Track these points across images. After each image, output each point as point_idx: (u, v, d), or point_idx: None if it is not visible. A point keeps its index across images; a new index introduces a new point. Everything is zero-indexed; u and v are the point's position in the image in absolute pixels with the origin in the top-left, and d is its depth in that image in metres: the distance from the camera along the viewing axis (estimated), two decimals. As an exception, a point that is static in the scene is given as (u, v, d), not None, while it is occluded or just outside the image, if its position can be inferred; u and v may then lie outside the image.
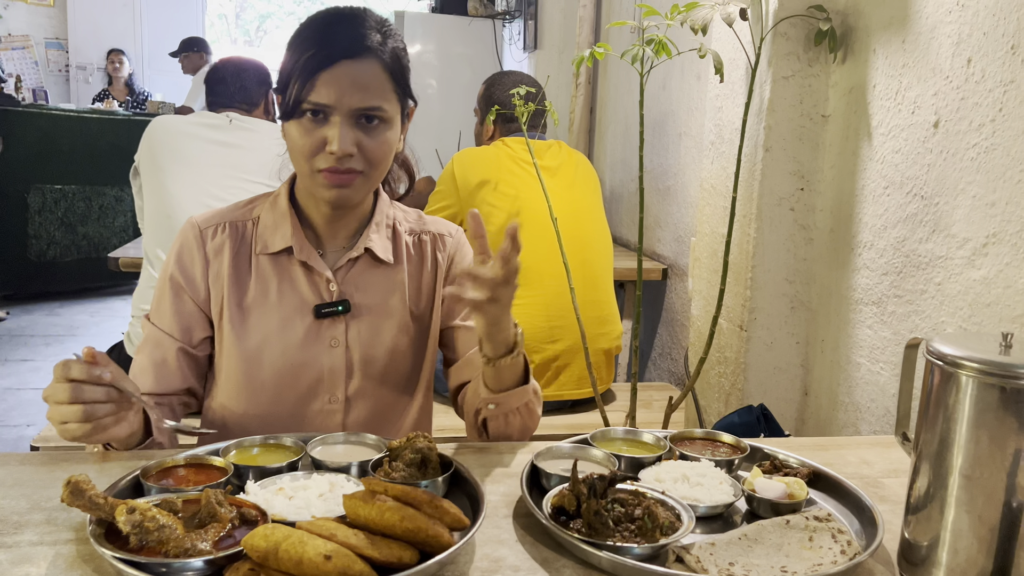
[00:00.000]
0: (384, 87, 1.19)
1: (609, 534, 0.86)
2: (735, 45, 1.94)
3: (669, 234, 3.05)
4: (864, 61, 1.75)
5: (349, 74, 1.16)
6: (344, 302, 1.28)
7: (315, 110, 1.16)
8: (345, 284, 1.29)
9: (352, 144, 1.16)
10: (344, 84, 1.15)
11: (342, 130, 1.15)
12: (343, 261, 1.29)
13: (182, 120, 2.56)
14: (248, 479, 0.97)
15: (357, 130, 1.17)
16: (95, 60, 8.29)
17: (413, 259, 1.36)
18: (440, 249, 1.38)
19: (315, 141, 1.16)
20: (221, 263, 1.28)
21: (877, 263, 1.70)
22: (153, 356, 1.27)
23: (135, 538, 0.80)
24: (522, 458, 1.14)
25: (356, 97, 1.16)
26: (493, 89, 2.53)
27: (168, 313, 1.28)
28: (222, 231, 1.29)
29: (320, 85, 1.15)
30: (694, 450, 1.11)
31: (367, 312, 1.30)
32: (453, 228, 1.41)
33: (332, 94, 1.15)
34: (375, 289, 1.31)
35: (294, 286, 1.28)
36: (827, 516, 0.95)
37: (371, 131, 1.18)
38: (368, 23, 1.20)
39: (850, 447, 1.25)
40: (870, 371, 1.73)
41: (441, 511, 0.84)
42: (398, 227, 1.36)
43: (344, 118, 1.16)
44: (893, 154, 1.65)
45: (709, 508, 0.97)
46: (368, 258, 1.31)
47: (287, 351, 1.27)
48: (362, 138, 1.18)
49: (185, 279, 1.28)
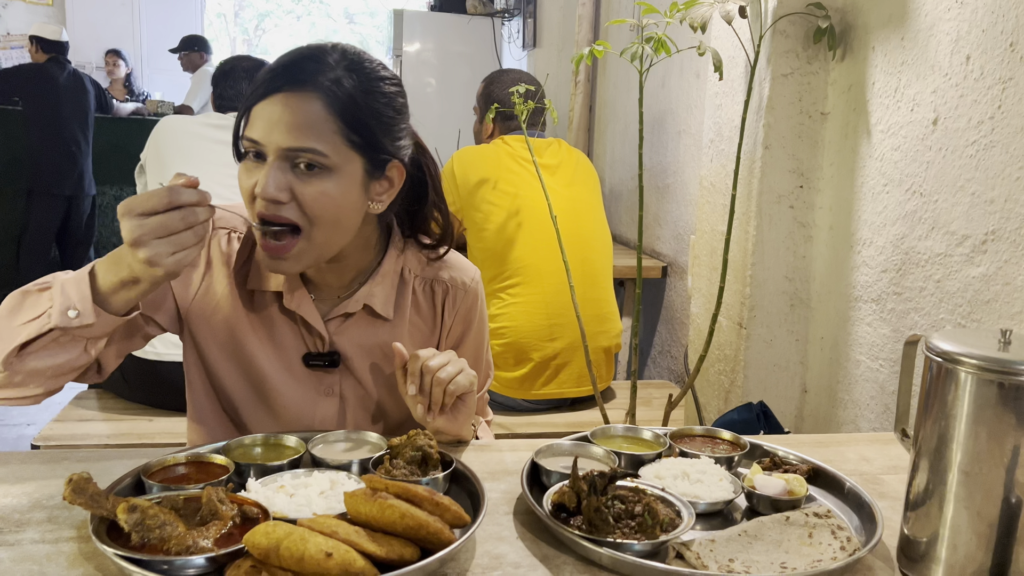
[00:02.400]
0: (321, 128, 1.04)
1: (609, 531, 0.86)
2: (734, 43, 1.94)
3: (668, 232, 3.05)
4: (863, 59, 1.75)
5: (280, 108, 1.03)
6: (334, 355, 1.20)
7: (252, 150, 1.06)
8: (338, 336, 1.20)
9: (280, 189, 1.03)
10: (277, 120, 1.03)
11: (271, 172, 1.03)
12: (338, 312, 1.19)
13: (190, 120, 2.57)
14: (249, 477, 0.98)
15: (291, 175, 1.04)
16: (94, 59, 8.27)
17: (421, 308, 1.26)
18: (450, 304, 1.27)
19: (251, 185, 1.06)
20: (220, 277, 1.19)
21: (876, 260, 1.70)
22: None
23: (137, 536, 0.80)
24: (522, 456, 1.14)
25: (284, 135, 1.03)
26: (492, 87, 2.53)
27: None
28: (237, 239, 1.20)
29: (253, 119, 1.05)
30: (694, 447, 1.12)
31: (361, 366, 1.22)
32: (469, 276, 1.29)
33: (260, 129, 1.04)
34: (371, 344, 1.22)
35: (287, 328, 1.20)
36: (827, 512, 0.95)
37: (306, 178, 1.04)
38: (327, 57, 1.07)
39: (849, 444, 1.26)
40: (869, 368, 1.73)
41: (442, 508, 0.84)
42: (406, 275, 1.24)
43: (275, 159, 1.04)
44: (892, 151, 1.65)
45: (709, 505, 0.97)
46: (366, 312, 1.21)
47: (279, 393, 1.21)
48: (296, 184, 1.04)
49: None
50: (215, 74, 2.64)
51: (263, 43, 15.30)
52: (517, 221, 2.35)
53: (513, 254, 2.35)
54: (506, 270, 2.36)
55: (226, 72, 2.60)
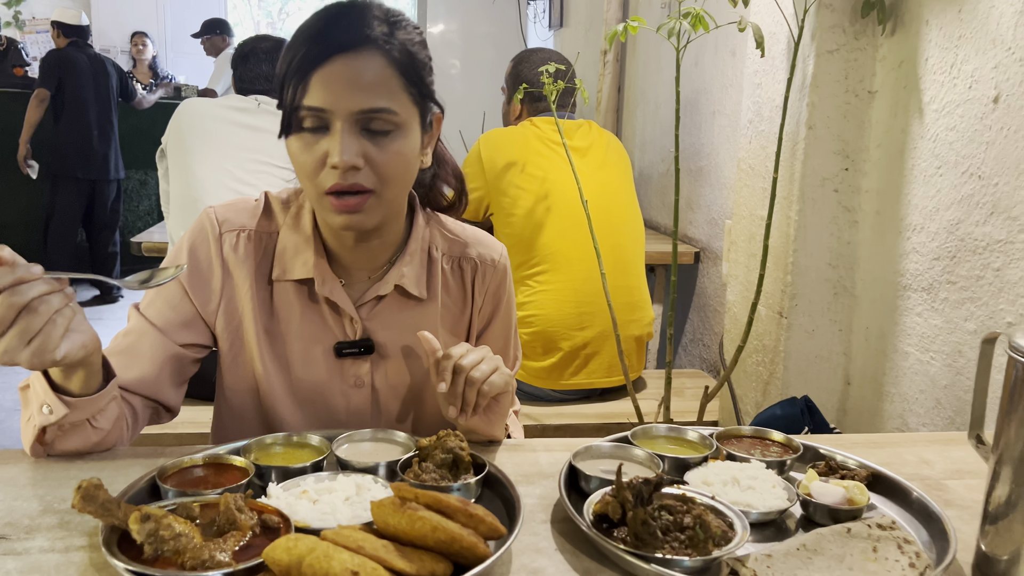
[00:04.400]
0: (390, 85, 1.00)
1: (657, 545, 0.79)
2: (776, 18, 1.85)
3: (702, 216, 2.96)
4: (915, 33, 1.65)
5: (348, 71, 0.98)
6: (367, 342, 1.15)
7: (314, 119, 1.00)
8: (370, 321, 1.16)
9: (357, 155, 0.99)
10: (343, 83, 0.98)
11: (343, 139, 0.98)
12: (370, 296, 1.15)
13: (211, 103, 2.51)
14: (270, 480, 0.92)
15: (363, 139, 1.00)
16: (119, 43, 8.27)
17: (451, 289, 1.22)
18: (480, 281, 1.22)
19: (316, 157, 1.00)
20: (242, 278, 1.14)
21: (928, 247, 1.61)
22: (131, 346, 1.10)
23: (150, 547, 0.74)
24: (557, 456, 1.07)
25: (359, 98, 0.98)
26: (521, 67, 2.45)
27: (164, 311, 1.12)
28: (246, 241, 1.14)
29: (314, 86, 0.98)
30: (742, 449, 1.04)
31: (394, 352, 1.17)
32: (497, 252, 1.25)
33: (329, 96, 0.98)
34: (404, 328, 1.17)
35: (316, 318, 1.15)
36: (891, 524, 0.88)
37: (380, 140, 1.00)
38: (371, 13, 1.03)
39: (906, 444, 1.18)
40: (919, 361, 1.64)
41: (476, 520, 0.78)
42: (434, 252, 1.20)
43: (345, 124, 0.99)
44: (947, 132, 1.55)
45: (762, 514, 0.90)
46: (398, 293, 1.16)
47: (307, 386, 1.16)
48: (369, 149, 1.00)
49: (195, 283, 1.13)
50: (234, 56, 2.58)
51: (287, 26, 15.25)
52: (546, 205, 2.28)
53: (541, 240, 2.28)
54: (534, 256, 2.29)
55: (245, 55, 2.54)
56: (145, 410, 1.12)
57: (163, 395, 1.13)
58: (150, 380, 1.10)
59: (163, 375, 1.11)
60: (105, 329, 4.97)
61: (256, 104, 2.46)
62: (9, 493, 0.92)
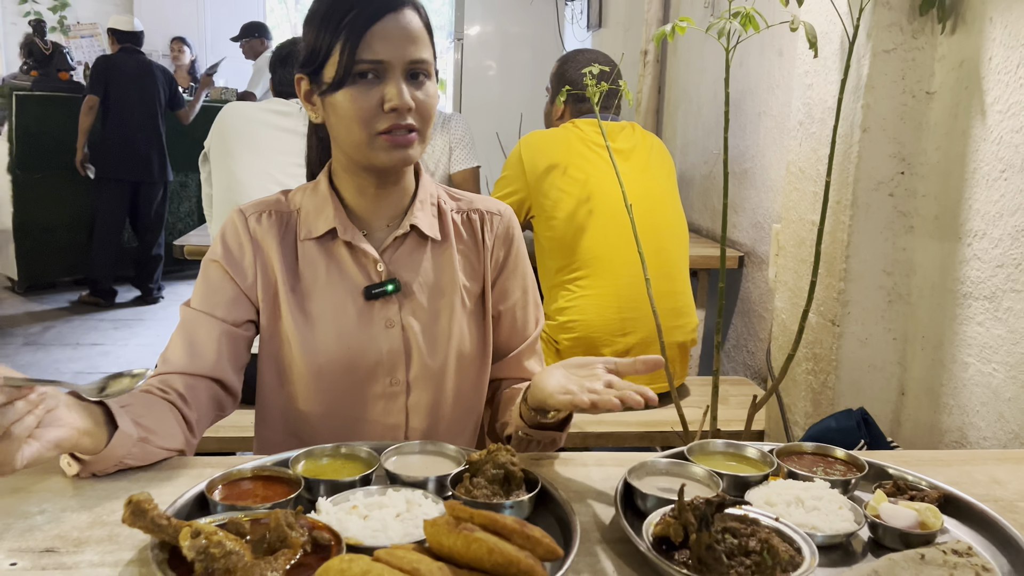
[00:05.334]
0: (425, 38, 1.16)
1: (723, 571, 0.76)
2: (830, 17, 1.79)
3: (746, 220, 2.90)
4: (978, 31, 1.59)
5: (398, 26, 1.12)
6: (393, 281, 1.22)
7: (369, 71, 1.11)
8: (393, 263, 1.24)
9: (411, 98, 1.12)
10: (397, 37, 1.12)
11: (399, 84, 1.11)
12: (389, 240, 1.24)
13: (252, 107, 2.53)
14: (319, 494, 0.90)
15: (410, 85, 1.13)
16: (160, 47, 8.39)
17: (464, 237, 1.31)
18: (488, 228, 1.32)
19: (372, 103, 1.12)
20: (269, 248, 1.22)
21: (991, 254, 1.55)
22: (189, 336, 1.19)
23: (200, 565, 0.73)
24: (610, 472, 1.04)
25: (410, 49, 1.12)
26: (566, 67, 2.42)
27: (209, 296, 1.21)
28: (268, 217, 1.24)
29: (373, 41, 1.10)
30: (804, 466, 1.00)
31: (419, 290, 1.25)
32: (502, 206, 1.36)
33: (388, 48, 1.11)
34: (425, 267, 1.26)
35: (342, 269, 1.23)
36: (968, 550, 0.83)
37: (421, 86, 1.15)
38: None
39: (975, 462, 1.12)
40: (980, 372, 1.58)
41: (533, 542, 0.75)
42: (443, 205, 1.30)
43: (400, 73, 1.12)
44: (1012, 134, 1.49)
45: (828, 537, 0.86)
46: (415, 236, 1.25)
47: (342, 335, 1.21)
48: (416, 93, 1.14)
49: (231, 264, 1.22)
50: (272, 60, 2.59)
51: (323, 29, 15.38)
52: (588, 208, 2.24)
53: (583, 243, 2.24)
54: (575, 261, 2.26)
55: (283, 58, 2.55)
56: (207, 397, 1.17)
57: (225, 376, 1.19)
58: (211, 362, 1.18)
59: (222, 355, 1.19)
60: (147, 329, 5.03)
61: (297, 108, 2.46)
62: (57, 505, 0.92)
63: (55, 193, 5.55)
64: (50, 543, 0.83)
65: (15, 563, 0.80)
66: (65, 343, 4.67)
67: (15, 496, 0.93)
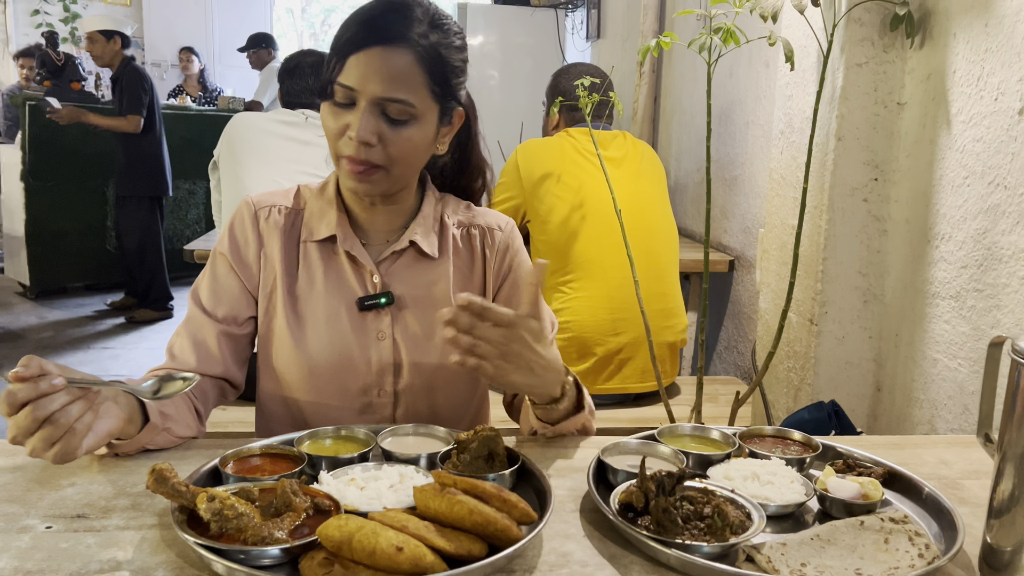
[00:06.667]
0: (413, 81, 1.13)
1: (678, 532, 0.85)
2: (806, 32, 1.89)
3: (736, 225, 3.00)
4: (943, 46, 1.69)
5: (380, 60, 1.11)
6: (387, 294, 1.25)
7: (344, 95, 1.13)
8: (389, 276, 1.27)
9: (371, 134, 1.12)
10: (370, 69, 1.11)
11: (363, 117, 1.12)
12: (387, 253, 1.27)
13: (260, 117, 2.63)
14: (321, 469, 1.00)
15: (381, 121, 1.13)
16: (169, 57, 8.55)
17: (461, 252, 1.33)
18: (488, 244, 1.33)
19: (340, 125, 1.14)
20: (273, 245, 1.27)
21: (956, 256, 1.64)
22: (195, 336, 1.25)
23: (215, 525, 0.82)
24: (587, 452, 1.14)
25: (380, 85, 1.11)
26: (560, 79, 2.53)
27: (214, 291, 1.27)
28: (277, 212, 1.29)
29: (349, 67, 1.12)
30: (764, 448, 1.10)
31: (412, 304, 1.27)
32: (503, 221, 1.37)
33: (356, 77, 1.12)
34: (419, 281, 1.28)
35: (340, 276, 1.26)
36: (903, 518, 0.93)
37: (395, 125, 1.14)
38: (414, 13, 1.15)
39: (927, 446, 1.22)
40: (947, 367, 1.67)
41: (509, 505, 0.84)
42: (446, 220, 1.32)
43: (367, 105, 1.12)
44: (974, 143, 1.59)
45: (780, 507, 0.95)
46: (413, 252, 1.28)
47: (334, 341, 1.25)
48: (385, 131, 1.14)
49: (236, 256, 1.27)
50: (280, 71, 2.70)
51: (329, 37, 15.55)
52: (581, 214, 2.34)
53: (576, 247, 2.34)
54: (568, 264, 2.36)
55: (291, 69, 2.66)
56: (214, 389, 1.26)
57: (230, 374, 1.27)
58: (218, 363, 1.25)
59: (226, 357, 1.26)
60: (156, 332, 5.12)
61: (304, 119, 2.57)
62: (85, 478, 1.02)
63: (66, 201, 5.67)
64: (80, 510, 0.93)
65: (50, 526, 0.89)
66: (76, 347, 4.79)
67: (47, 471, 1.03)
